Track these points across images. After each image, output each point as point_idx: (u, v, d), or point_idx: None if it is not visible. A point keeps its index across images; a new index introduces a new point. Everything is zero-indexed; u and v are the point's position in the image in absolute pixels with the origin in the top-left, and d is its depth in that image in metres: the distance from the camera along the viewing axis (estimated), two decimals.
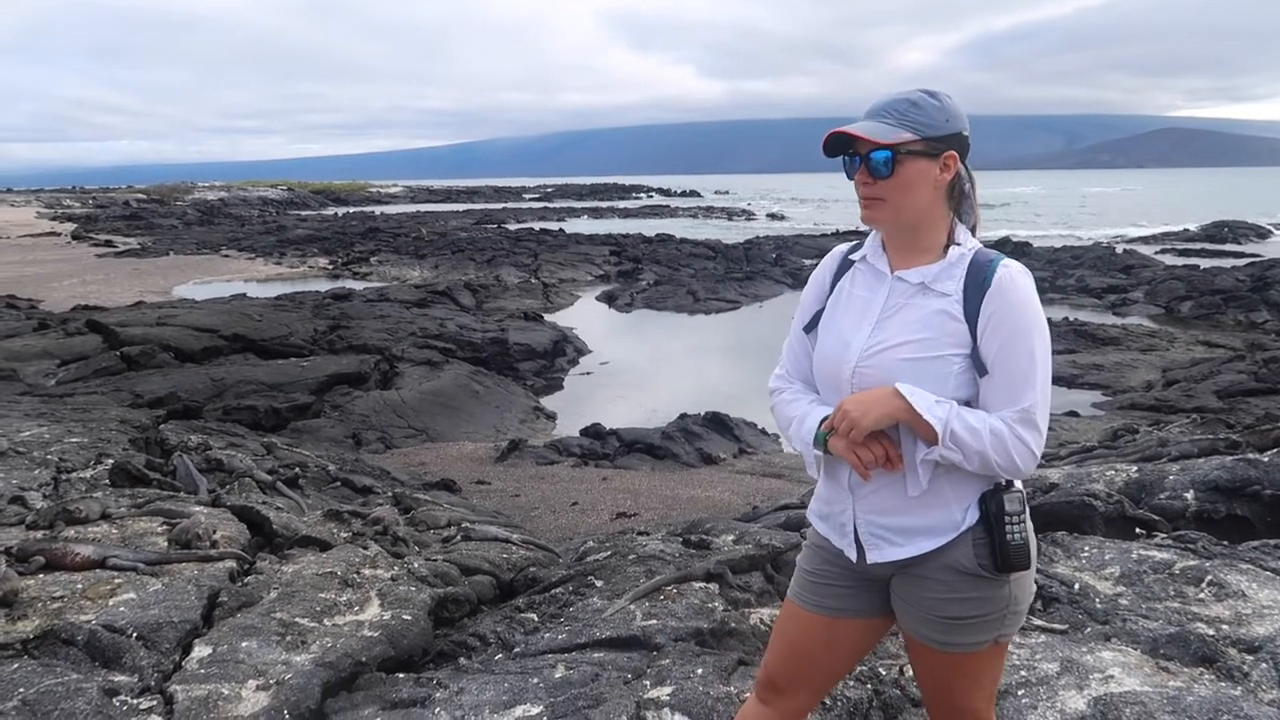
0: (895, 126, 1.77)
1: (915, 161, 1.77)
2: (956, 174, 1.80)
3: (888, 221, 1.84)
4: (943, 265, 1.80)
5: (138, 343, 11.95)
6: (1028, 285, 1.73)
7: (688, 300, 21.64)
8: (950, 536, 1.77)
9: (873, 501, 1.84)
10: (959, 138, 1.79)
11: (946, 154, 1.78)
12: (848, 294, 1.92)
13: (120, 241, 38.65)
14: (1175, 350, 14.84)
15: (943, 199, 1.82)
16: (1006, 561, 1.73)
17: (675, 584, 3.66)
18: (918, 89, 1.80)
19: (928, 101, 1.78)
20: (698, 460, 9.38)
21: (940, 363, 1.75)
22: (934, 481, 1.77)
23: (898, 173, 1.77)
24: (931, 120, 1.77)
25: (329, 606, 3.45)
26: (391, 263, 29.69)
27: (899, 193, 1.79)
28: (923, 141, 1.76)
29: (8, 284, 22.29)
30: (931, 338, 1.77)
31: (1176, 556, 3.55)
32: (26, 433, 6.00)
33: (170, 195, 74.29)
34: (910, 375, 1.75)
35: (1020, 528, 1.73)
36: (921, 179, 1.78)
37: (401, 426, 10.47)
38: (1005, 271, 1.72)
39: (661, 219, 58.30)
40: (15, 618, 3.13)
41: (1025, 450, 1.68)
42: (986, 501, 1.75)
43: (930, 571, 1.80)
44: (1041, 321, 1.73)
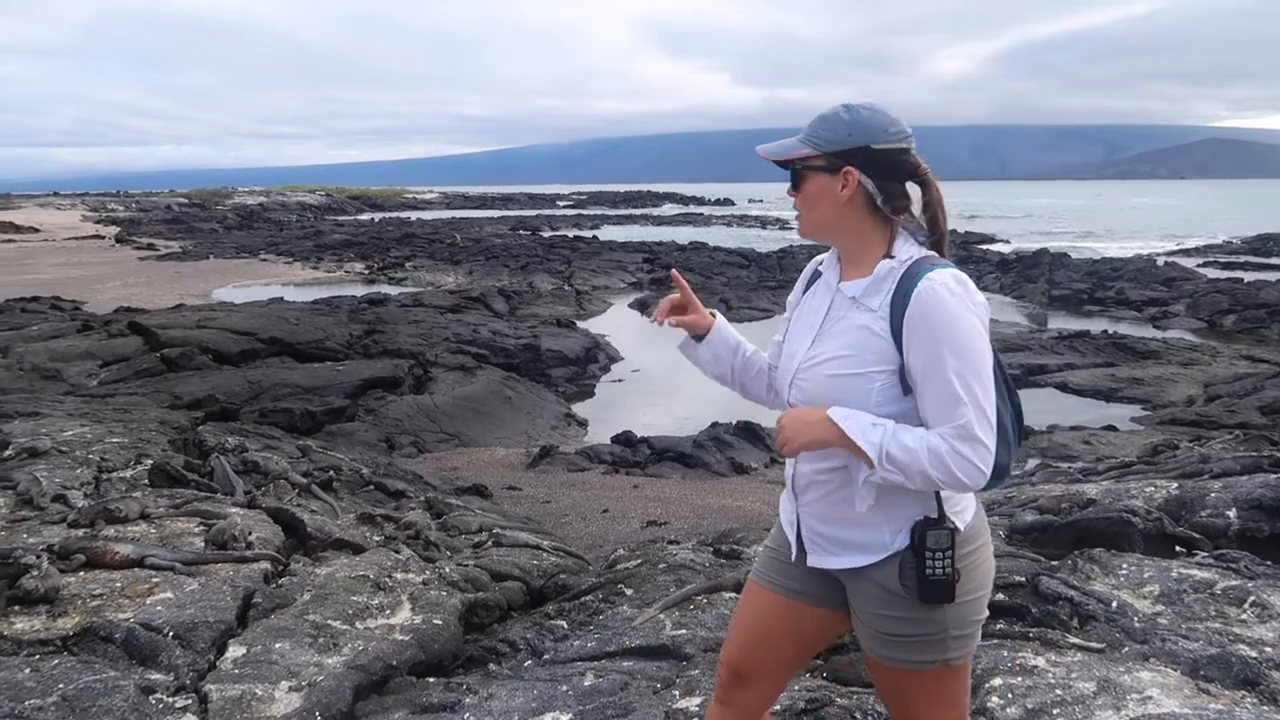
0: (799, 143, 1.81)
1: (816, 177, 1.80)
2: (860, 188, 1.77)
3: (804, 234, 1.89)
4: (871, 280, 1.79)
5: (178, 345, 12.14)
6: (951, 296, 1.66)
7: (720, 309, 21.51)
8: (880, 556, 1.78)
9: (813, 508, 1.87)
10: (864, 151, 1.76)
11: (844, 169, 1.77)
12: (806, 305, 1.95)
13: (162, 245, 39.37)
14: (1217, 365, 14.57)
15: (860, 213, 1.80)
16: (925, 593, 1.73)
17: (705, 594, 3.65)
18: (841, 103, 1.82)
19: (837, 116, 1.79)
20: (729, 469, 9.35)
21: (862, 380, 1.75)
22: (867, 502, 1.77)
23: (802, 188, 1.83)
24: (833, 135, 1.78)
25: (361, 609, 3.48)
26: (426, 268, 29.97)
27: (805, 206, 1.84)
28: (822, 157, 1.78)
29: (53, 286, 22.77)
30: (854, 355, 1.77)
31: (1218, 576, 3.48)
32: (69, 432, 6.11)
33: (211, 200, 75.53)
34: (835, 391, 1.77)
35: (943, 563, 1.72)
36: (822, 194, 1.80)
37: (434, 431, 10.55)
38: (926, 284, 1.67)
39: (695, 227, 58.30)
40: (56, 615, 3.18)
41: (968, 465, 1.64)
42: (915, 532, 1.74)
43: (866, 586, 1.82)
44: (964, 333, 1.65)
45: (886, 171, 1.78)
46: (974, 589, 1.78)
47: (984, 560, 1.82)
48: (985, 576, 1.82)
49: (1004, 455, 1.77)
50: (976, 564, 1.79)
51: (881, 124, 1.77)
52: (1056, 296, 23.88)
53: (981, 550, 1.81)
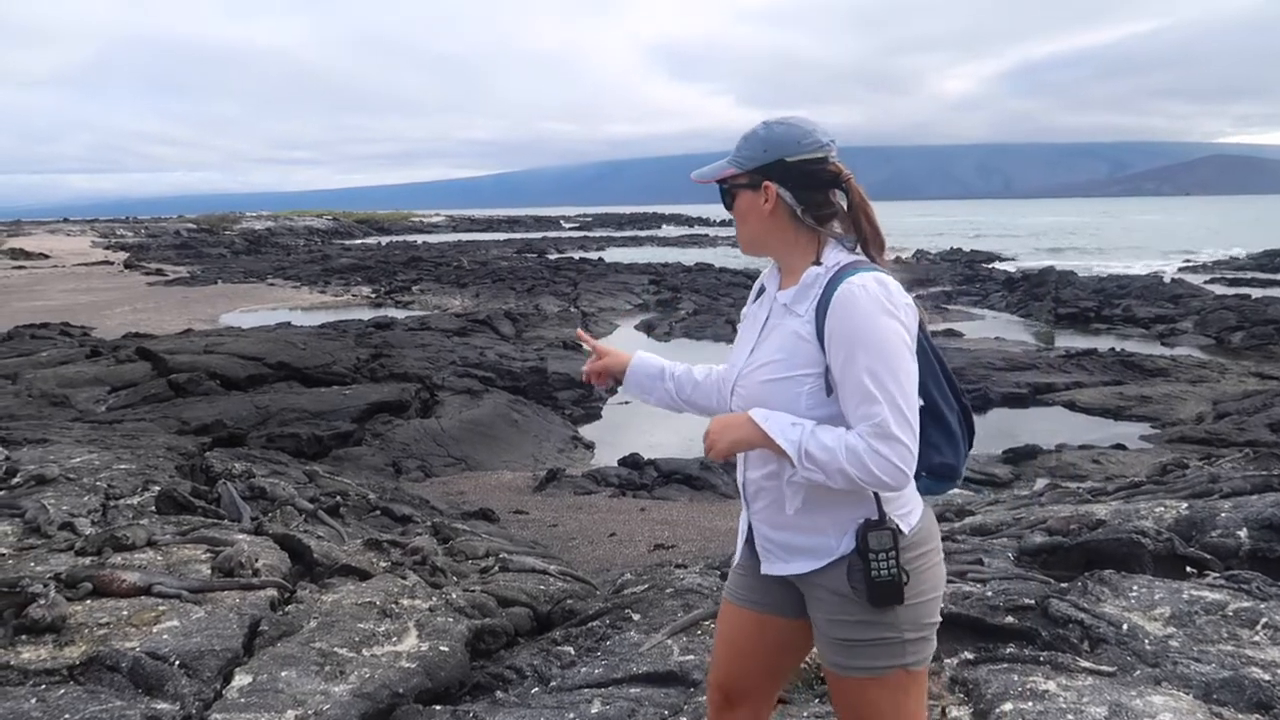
0: (726, 164, 1.90)
1: (742, 194, 1.90)
2: (779, 200, 1.84)
3: (743, 250, 2.00)
4: (799, 287, 1.85)
5: (185, 370, 12.19)
6: (867, 297, 1.70)
7: (726, 330, 21.61)
8: (828, 560, 1.81)
9: (763, 514, 1.91)
10: (780, 165, 1.83)
11: (763, 183, 1.85)
12: (750, 315, 2.04)
13: (170, 270, 39.59)
14: (1226, 382, 14.50)
15: (788, 225, 1.88)
16: (874, 595, 1.75)
17: (713, 619, 3.63)
18: (762, 121, 1.89)
19: (755, 134, 1.87)
20: (736, 491, 9.32)
21: (791, 383, 1.80)
22: (811, 505, 1.81)
23: (734, 205, 1.92)
24: (751, 152, 1.86)
25: (367, 637, 3.47)
26: (433, 291, 30.07)
27: (738, 222, 1.94)
28: (745, 174, 1.87)
29: (62, 311, 22.90)
30: (785, 359, 1.82)
31: (1230, 597, 3.45)
32: (77, 459, 6.13)
33: (220, 225, 75.97)
34: (768, 396, 1.82)
35: (887, 563, 1.74)
36: (750, 209, 1.89)
37: (441, 455, 10.54)
38: (845, 287, 1.72)
39: (700, 248, 58.43)
40: (62, 644, 3.18)
41: (886, 464, 1.66)
42: (858, 534, 1.77)
43: (818, 592, 1.85)
44: (877, 332, 1.69)
45: (803, 181, 1.84)
46: (925, 591, 1.80)
47: (934, 563, 1.84)
48: (937, 579, 1.84)
49: (951, 457, 1.83)
50: (926, 566, 1.81)
51: (794, 136, 1.83)
52: (1063, 314, 23.84)
53: (931, 554, 1.84)
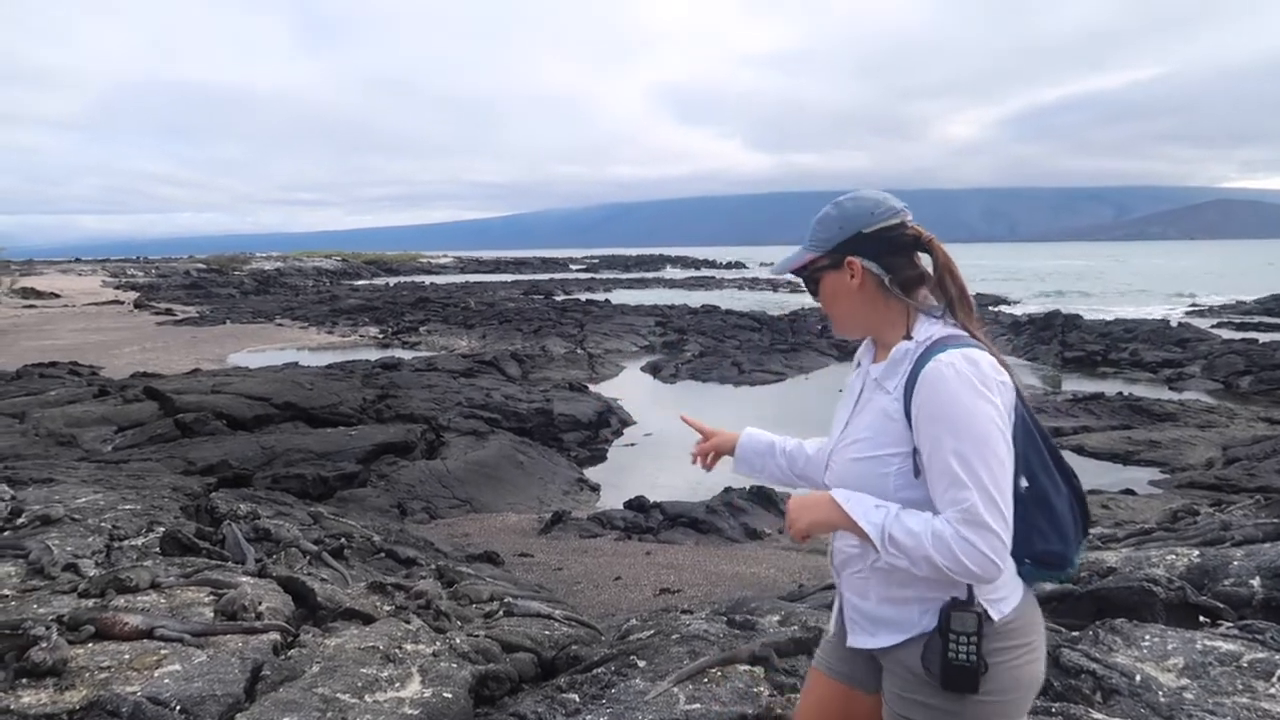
0: (806, 249, 1.87)
1: (827, 276, 1.86)
2: (866, 273, 1.81)
3: (839, 333, 1.94)
4: (889, 362, 1.81)
5: (192, 410, 12.21)
6: (956, 377, 1.64)
7: (733, 372, 21.62)
8: (908, 635, 1.76)
9: (852, 584, 1.87)
10: (857, 239, 1.81)
11: (846, 260, 1.82)
12: (849, 387, 1.98)
13: (180, 310, 39.85)
14: (1235, 427, 14.43)
15: (878, 298, 1.84)
16: (947, 678, 1.69)
17: (719, 666, 3.59)
18: (831, 202, 1.87)
19: (827, 215, 1.85)
20: (742, 535, 9.26)
21: (878, 463, 1.76)
22: (899, 578, 1.75)
23: (820, 291, 1.89)
24: (827, 233, 1.84)
25: (370, 682, 3.43)
26: (440, 332, 30.19)
27: (829, 305, 1.90)
28: (826, 255, 1.84)
29: (71, 351, 23.02)
30: (873, 437, 1.78)
31: (1244, 648, 3.40)
32: (82, 499, 6.12)
33: (229, 265, 76.56)
34: (856, 475, 1.79)
35: (967, 648, 1.67)
36: (839, 290, 1.86)
37: (446, 497, 10.51)
38: (933, 365, 1.67)
39: (707, 290, 58.65)
40: (63, 687, 3.15)
41: (975, 552, 1.59)
42: (942, 612, 1.71)
43: (894, 666, 1.80)
44: (965, 414, 1.62)
45: (886, 249, 1.81)
46: (1003, 689, 1.70)
47: (1022, 662, 1.73)
48: (1020, 681, 1.73)
49: (1058, 544, 1.73)
50: (1011, 662, 1.71)
51: (866, 208, 1.82)
52: (1070, 358, 23.80)
53: (1021, 651, 1.73)
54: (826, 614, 4.41)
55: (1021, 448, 1.70)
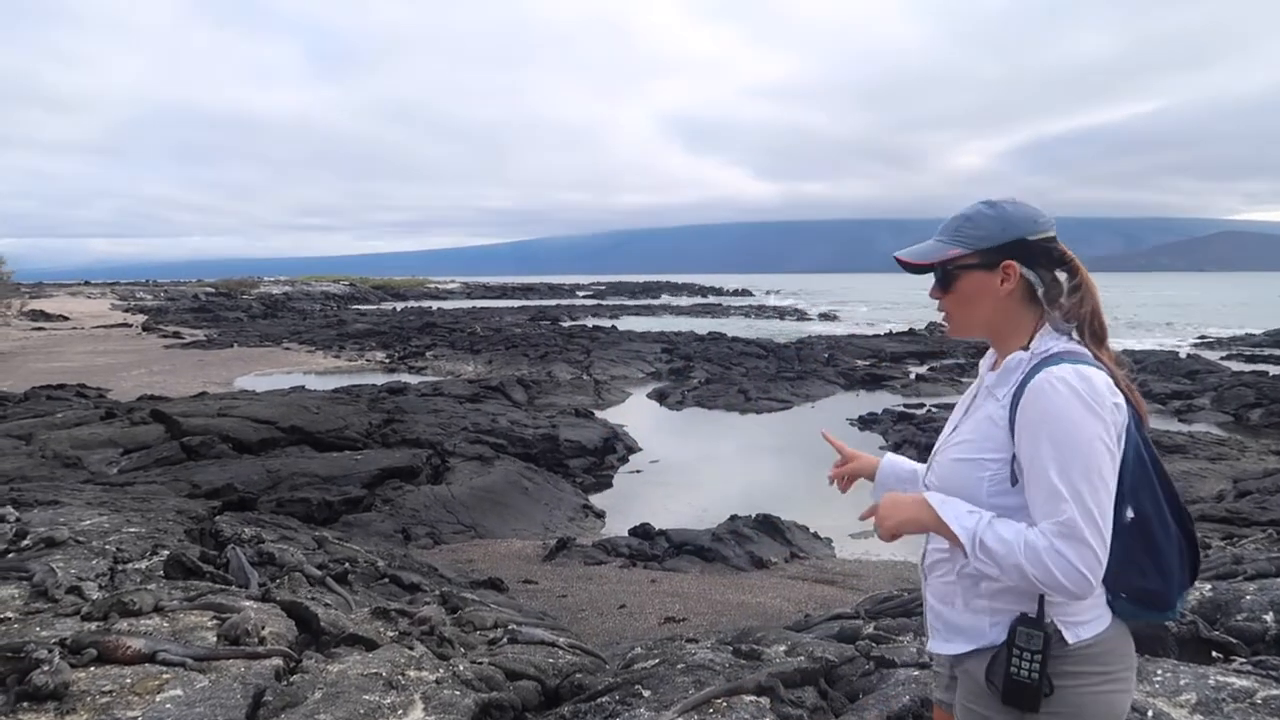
0: (947, 244, 1.83)
1: (971, 275, 1.82)
2: (1022, 279, 1.79)
3: (956, 333, 1.90)
4: (1003, 370, 1.81)
5: (198, 433, 12.22)
6: (1066, 389, 1.63)
7: (739, 399, 21.58)
8: (978, 645, 1.77)
9: (935, 587, 1.87)
10: (1020, 244, 1.78)
11: (1005, 263, 1.79)
12: (966, 393, 1.99)
13: (187, 333, 40.01)
14: (1246, 460, 14.33)
15: (1018, 306, 1.82)
16: (1008, 693, 1.69)
17: (725, 696, 3.55)
18: (980, 201, 1.84)
19: (982, 213, 1.81)
20: (748, 564, 9.19)
21: (975, 466, 1.76)
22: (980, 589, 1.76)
23: (955, 288, 1.84)
24: (984, 232, 1.79)
25: (372, 710, 3.40)
26: (446, 357, 30.22)
27: (958, 306, 1.86)
28: (976, 254, 1.80)
29: (79, 373, 23.10)
30: (975, 441, 1.79)
31: (1258, 684, 3.36)
32: (87, 521, 6.11)
33: (237, 289, 76.93)
34: (953, 476, 1.79)
35: (1030, 665, 1.66)
36: (980, 290, 1.82)
37: (451, 522, 10.47)
38: (1043, 376, 1.67)
39: (714, 317, 58.72)
40: (64, 712, 3.13)
41: (1068, 566, 1.57)
42: (1011, 626, 1.71)
43: (963, 674, 1.82)
44: (1069, 428, 1.61)
45: (1043, 261, 1.81)
46: (1069, 715, 1.67)
47: (1098, 691, 1.69)
48: (1092, 709, 1.68)
49: (1157, 583, 1.70)
50: (1082, 688, 1.68)
51: (1030, 215, 1.80)
52: None
53: (1096, 679, 1.69)
54: (833, 645, 4.37)
55: (1133, 478, 1.68)
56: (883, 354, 30.56)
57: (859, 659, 4.07)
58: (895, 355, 30.47)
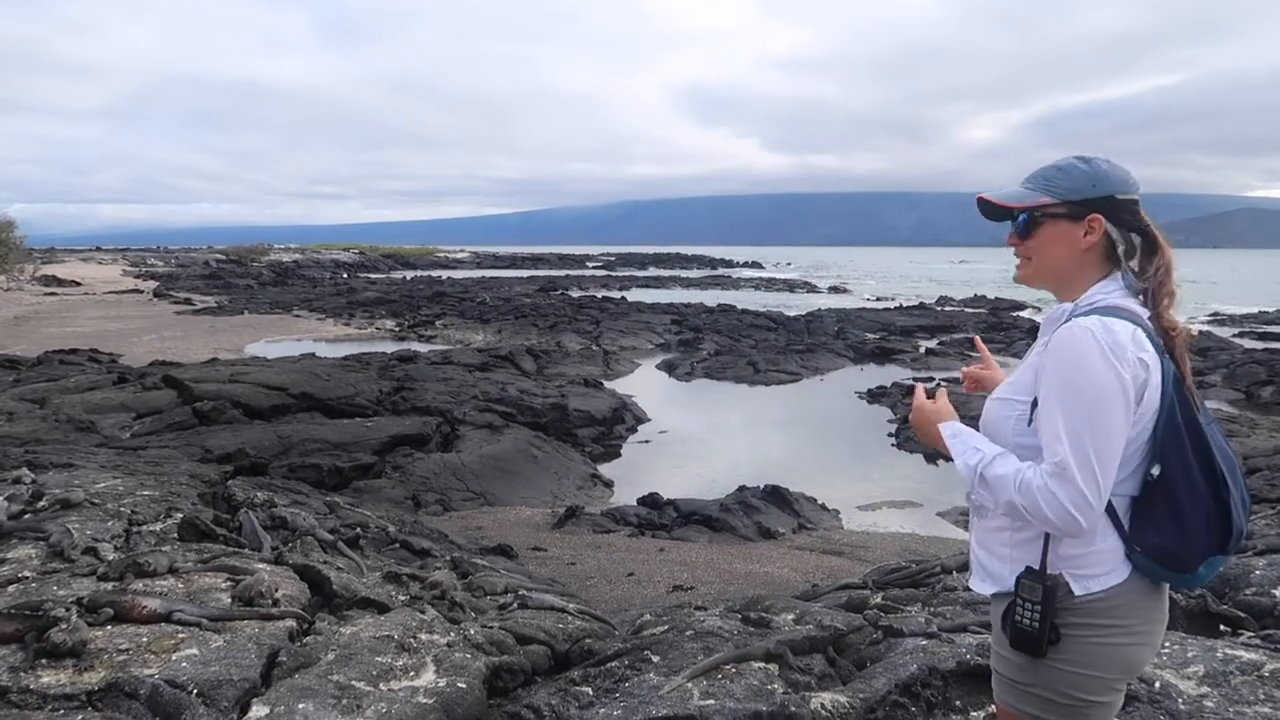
0: (1036, 191, 1.87)
1: (1055, 224, 1.85)
2: (1105, 234, 1.83)
3: (1028, 278, 1.95)
4: (1047, 320, 1.91)
5: (210, 398, 12.28)
6: (1088, 339, 1.68)
7: (748, 371, 21.57)
8: (996, 589, 1.87)
9: (977, 529, 1.96)
10: (1109, 200, 1.82)
11: (1090, 217, 1.83)
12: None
13: (198, 300, 40.11)
14: (1257, 437, 14.27)
15: (1095, 259, 1.86)
16: (1014, 639, 1.78)
17: (734, 662, 3.58)
18: (1074, 155, 1.88)
19: (1075, 167, 1.85)
20: (756, 534, 9.24)
21: (1006, 406, 1.86)
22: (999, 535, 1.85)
23: (1036, 234, 1.88)
24: (1074, 184, 1.83)
25: (385, 671, 3.44)
26: (456, 326, 30.27)
27: (1037, 252, 1.90)
28: (1064, 205, 1.84)
29: (92, 338, 23.21)
30: (1013, 383, 1.89)
31: (1266, 657, 3.37)
32: (102, 484, 6.16)
33: (247, 256, 76.99)
34: (989, 413, 1.90)
35: (1031, 614, 1.74)
36: (1061, 240, 1.86)
37: (460, 489, 10.54)
38: (1065, 329, 1.74)
39: (724, 289, 58.57)
40: (82, 669, 3.17)
41: (1056, 504, 1.64)
42: (1018, 576, 1.79)
43: (992, 616, 1.92)
44: (1081, 374, 1.67)
45: (1127, 221, 1.84)
46: (1080, 663, 1.74)
47: (1110, 643, 1.74)
48: (1104, 659, 1.74)
49: (1175, 543, 1.70)
50: (1092, 639, 1.74)
51: (1121, 175, 1.84)
52: None
53: (1110, 631, 1.73)
54: (841, 614, 4.40)
55: (1163, 436, 1.72)
56: (892, 327, 30.49)
57: (867, 628, 4.09)
58: (905, 329, 30.39)
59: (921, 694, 3.37)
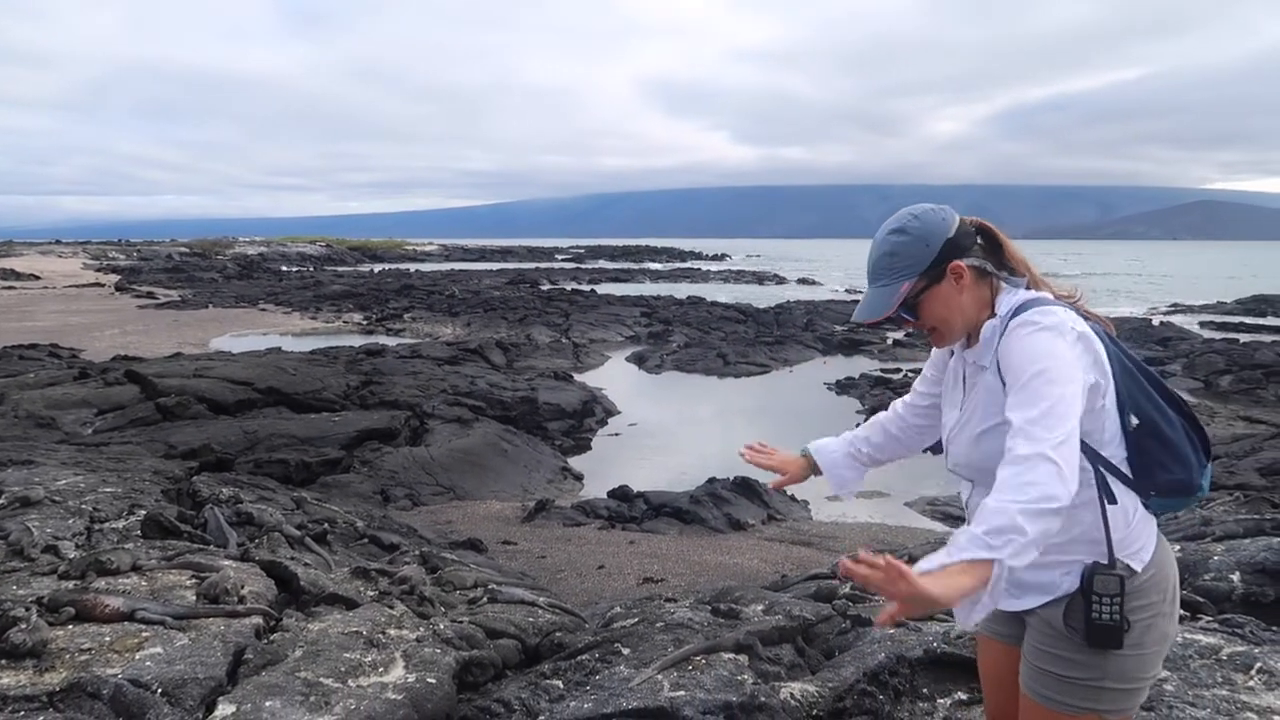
0: (892, 285, 1.89)
1: (931, 293, 1.89)
2: (969, 270, 1.88)
3: (948, 340, 1.97)
4: (982, 342, 1.90)
5: (174, 393, 12.11)
6: (1031, 326, 1.74)
7: (718, 363, 21.63)
8: (1052, 596, 1.83)
9: None
10: (950, 243, 1.86)
11: (950, 266, 1.87)
12: (951, 374, 2.06)
13: (161, 293, 39.51)
14: (1215, 425, 14.55)
15: (977, 290, 1.91)
16: (1092, 637, 1.75)
17: (704, 654, 3.60)
18: (888, 232, 1.90)
19: (900, 244, 1.88)
20: (726, 526, 9.27)
21: (996, 433, 1.81)
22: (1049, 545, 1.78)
23: (924, 312, 1.91)
24: (915, 256, 1.87)
25: (353, 667, 3.42)
26: (425, 319, 30.06)
27: (939, 319, 1.92)
28: (922, 277, 1.87)
29: (51, 333, 22.78)
30: (986, 413, 1.86)
31: (1224, 641, 3.44)
32: (62, 481, 6.06)
33: (212, 249, 75.93)
34: (980, 451, 1.86)
35: (1110, 609, 1.74)
36: (948, 299, 1.89)
37: (430, 484, 10.48)
38: (1011, 327, 1.78)
39: (693, 282, 58.65)
40: (43, 669, 3.12)
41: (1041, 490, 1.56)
42: (1084, 575, 1.78)
43: (1036, 621, 1.88)
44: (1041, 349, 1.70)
45: (970, 244, 1.90)
46: (1144, 644, 1.77)
47: (1161, 615, 1.80)
48: (1161, 634, 1.80)
49: (1181, 472, 1.79)
50: (1150, 618, 1.78)
51: (938, 218, 1.89)
52: None
53: (1159, 607, 1.79)
54: (810, 604, 4.43)
55: (1125, 388, 1.77)
56: None
57: (835, 618, 4.13)
58: None
59: (889, 682, 3.40)
